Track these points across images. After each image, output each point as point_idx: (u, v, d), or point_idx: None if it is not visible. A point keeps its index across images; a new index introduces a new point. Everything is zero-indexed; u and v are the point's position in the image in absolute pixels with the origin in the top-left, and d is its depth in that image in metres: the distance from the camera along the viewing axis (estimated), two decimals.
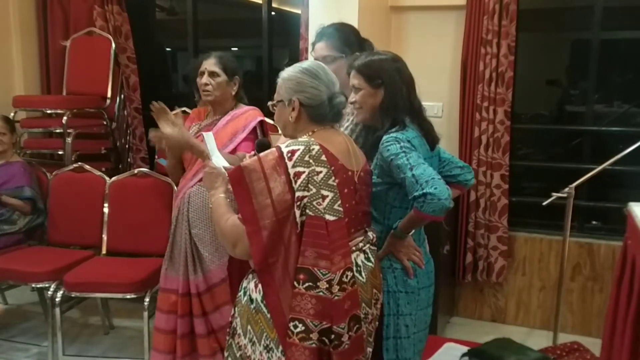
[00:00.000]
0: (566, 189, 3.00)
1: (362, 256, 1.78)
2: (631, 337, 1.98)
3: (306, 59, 3.40)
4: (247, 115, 2.70)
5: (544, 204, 3.02)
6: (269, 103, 1.85)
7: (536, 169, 3.99)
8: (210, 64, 2.67)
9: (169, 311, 2.68)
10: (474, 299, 3.82)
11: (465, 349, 2.94)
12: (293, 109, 1.75)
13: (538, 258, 3.66)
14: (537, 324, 3.70)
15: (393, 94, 1.94)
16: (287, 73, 1.80)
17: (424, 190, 1.73)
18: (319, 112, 1.76)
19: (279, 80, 1.81)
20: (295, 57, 3.75)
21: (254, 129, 2.68)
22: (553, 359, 2.84)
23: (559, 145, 3.99)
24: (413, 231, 1.96)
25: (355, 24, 2.56)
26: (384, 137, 1.89)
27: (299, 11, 3.71)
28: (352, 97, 2.00)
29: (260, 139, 2.27)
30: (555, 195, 3.00)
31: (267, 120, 2.72)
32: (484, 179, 3.53)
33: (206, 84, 2.65)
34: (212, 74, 2.66)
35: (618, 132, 3.63)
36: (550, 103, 4.06)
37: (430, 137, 1.99)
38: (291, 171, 1.62)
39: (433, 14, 3.64)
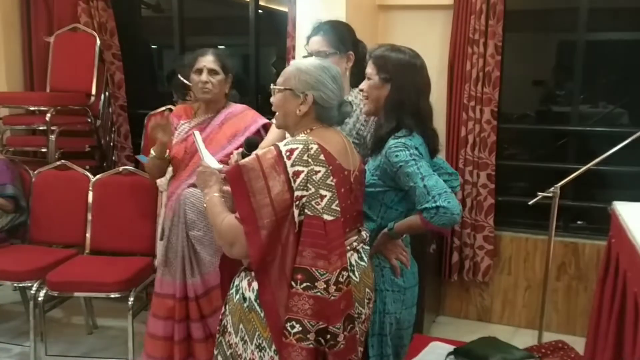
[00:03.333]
0: (551, 189, 3.01)
1: (355, 255, 1.77)
2: (615, 335, 1.99)
3: (293, 57, 3.39)
4: (245, 116, 2.65)
5: (530, 203, 3.03)
6: (273, 86, 1.81)
7: (522, 168, 4.01)
8: (209, 61, 2.60)
9: (167, 317, 2.61)
10: (460, 298, 3.83)
11: (451, 347, 2.94)
12: (302, 103, 1.73)
13: (524, 257, 3.67)
14: (522, 323, 3.71)
15: (399, 93, 1.91)
16: (304, 65, 1.77)
17: (437, 204, 1.73)
18: (328, 115, 1.76)
19: (293, 69, 1.77)
20: (282, 55, 3.74)
21: (258, 131, 2.61)
22: (538, 357, 2.85)
23: (544, 145, 4.01)
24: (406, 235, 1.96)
25: None
26: (392, 142, 1.86)
27: (286, 9, 3.69)
28: (363, 84, 2.00)
29: (249, 138, 2.23)
30: (540, 194, 3.01)
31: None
32: (471, 178, 3.54)
33: (206, 82, 2.58)
34: (212, 72, 2.59)
35: (603, 132, 3.66)
36: (536, 103, 4.08)
37: (431, 145, 1.97)
38: (290, 170, 1.61)
39: (420, 13, 3.65)
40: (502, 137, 3.62)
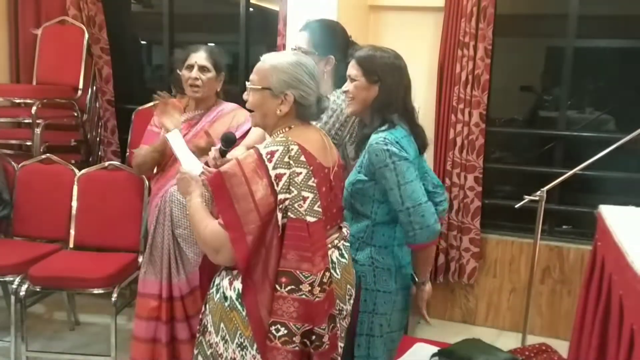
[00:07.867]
0: (538, 192, 3.03)
1: (336, 252, 1.78)
2: (599, 338, 2.00)
3: None
4: (236, 115, 2.64)
5: (516, 206, 3.05)
6: (248, 84, 1.75)
7: (509, 172, 4.03)
8: (201, 57, 2.57)
9: (149, 317, 2.59)
10: (445, 300, 3.84)
11: (435, 349, 2.94)
12: (282, 103, 1.70)
13: (509, 260, 3.69)
14: (506, 325, 3.73)
15: (388, 93, 1.92)
16: (280, 63, 1.70)
17: (410, 218, 1.80)
18: (308, 112, 1.75)
19: (267, 66, 1.71)
20: None
21: (249, 130, 2.56)
22: (521, 359, 2.86)
23: (531, 149, 4.04)
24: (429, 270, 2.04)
25: None
26: (373, 137, 1.87)
27: (277, 8, 3.68)
28: (346, 86, 1.99)
29: (226, 133, 2.17)
30: (527, 198, 3.03)
31: None
32: (458, 180, 3.56)
33: (196, 79, 2.56)
34: (203, 69, 2.57)
35: (589, 137, 3.69)
36: (525, 108, 4.11)
37: (420, 140, 1.98)
38: (272, 173, 1.59)
39: (411, 15, 3.66)
40: (490, 140, 3.64)
